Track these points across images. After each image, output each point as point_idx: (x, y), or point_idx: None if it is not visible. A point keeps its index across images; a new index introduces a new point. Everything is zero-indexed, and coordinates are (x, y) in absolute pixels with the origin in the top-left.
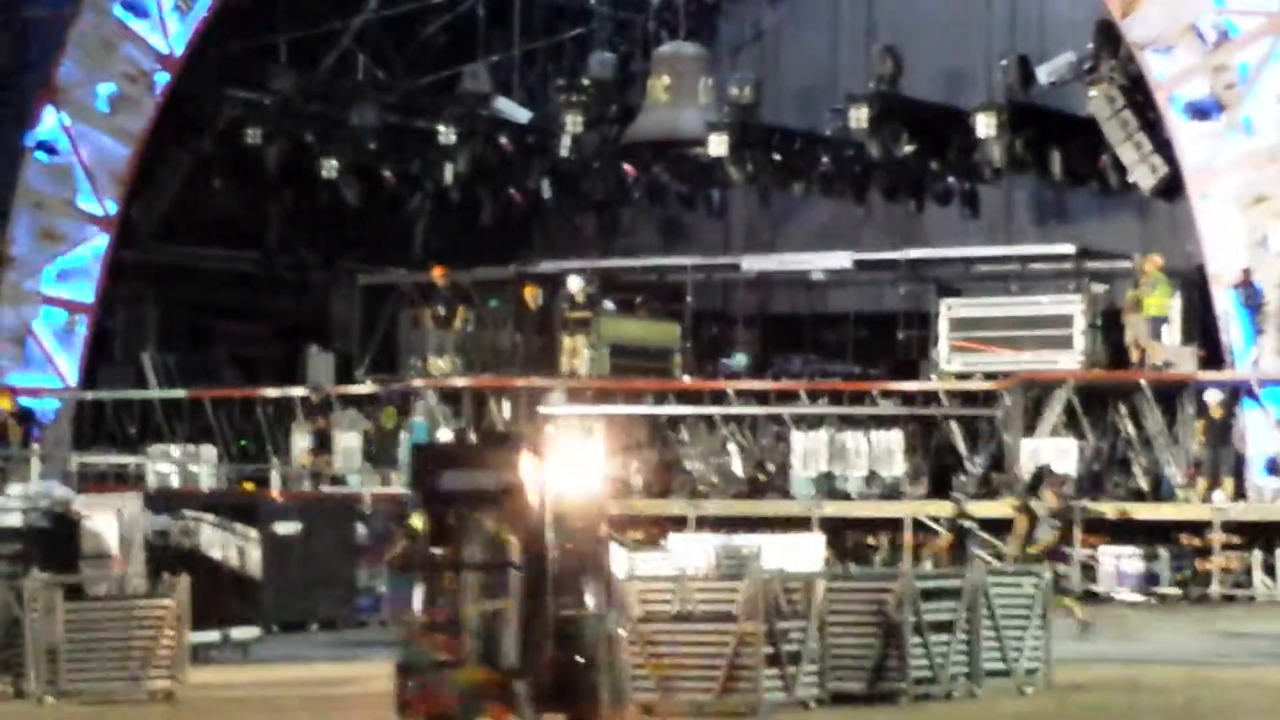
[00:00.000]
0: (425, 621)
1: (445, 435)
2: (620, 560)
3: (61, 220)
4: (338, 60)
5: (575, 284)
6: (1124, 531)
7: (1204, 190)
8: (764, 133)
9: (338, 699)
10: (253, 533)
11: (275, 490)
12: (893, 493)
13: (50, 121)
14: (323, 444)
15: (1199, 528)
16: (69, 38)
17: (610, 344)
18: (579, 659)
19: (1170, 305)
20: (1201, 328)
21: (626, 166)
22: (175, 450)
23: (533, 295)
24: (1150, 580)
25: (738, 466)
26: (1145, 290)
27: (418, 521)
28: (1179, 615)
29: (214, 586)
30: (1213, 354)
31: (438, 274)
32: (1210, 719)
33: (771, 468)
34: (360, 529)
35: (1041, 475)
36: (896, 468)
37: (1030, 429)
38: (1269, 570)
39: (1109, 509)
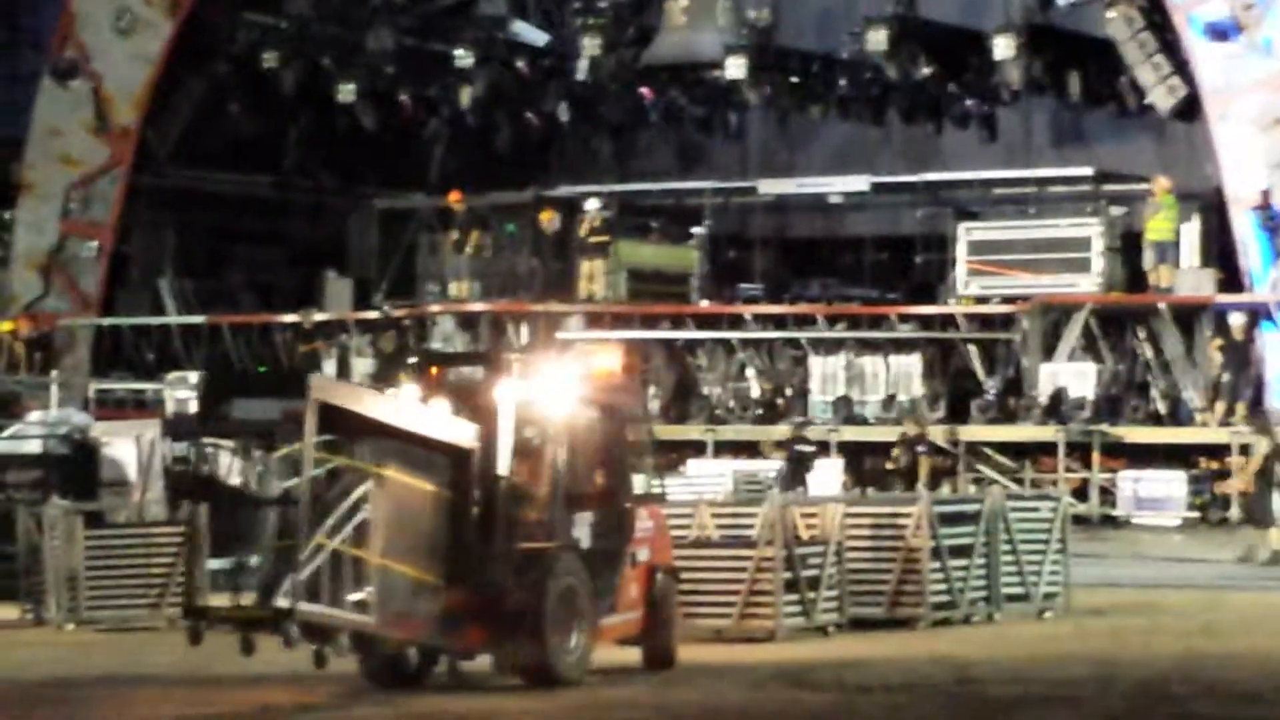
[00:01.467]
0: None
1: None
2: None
3: (79, 145)
4: None
5: (593, 207)
6: (1142, 455)
7: (1222, 112)
8: (781, 55)
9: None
10: (272, 458)
11: None
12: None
13: (67, 47)
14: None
15: (1218, 451)
16: None
17: (627, 268)
18: (522, 590)
19: (1175, 229)
20: (1220, 250)
21: (643, 90)
22: (193, 376)
23: (549, 220)
24: (1169, 504)
25: (755, 391)
26: (1148, 213)
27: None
28: (1198, 539)
29: (233, 513)
30: (1231, 277)
31: (454, 199)
32: (1229, 642)
33: (789, 392)
34: None
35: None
36: (914, 392)
37: (1049, 353)
38: None
39: (1127, 433)
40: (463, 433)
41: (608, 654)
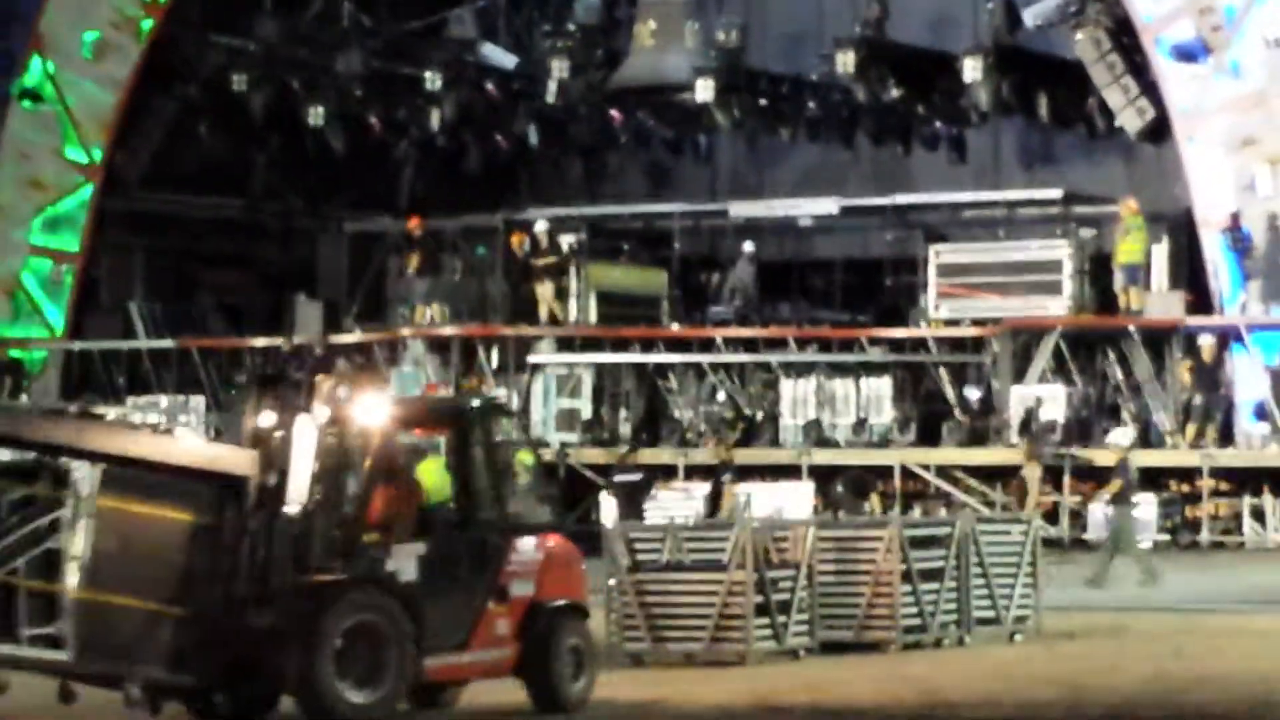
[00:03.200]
0: None
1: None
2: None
3: (47, 169)
4: (323, 6)
5: (541, 228)
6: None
7: (1191, 133)
8: (750, 77)
9: None
10: None
11: None
12: (882, 440)
13: (36, 69)
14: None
15: (1188, 474)
16: None
17: (597, 291)
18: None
19: (1144, 251)
20: (1189, 272)
21: (613, 112)
22: (163, 400)
23: (519, 243)
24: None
25: (726, 414)
26: (1119, 236)
27: None
28: (1168, 562)
29: None
30: (1201, 299)
31: (413, 224)
32: (1199, 665)
33: (760, 415)
34: None
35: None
36: (885, 415)
37: (1019, 375)
38: (1258, 516)
39: (1097, 456)
40: (237, 461)
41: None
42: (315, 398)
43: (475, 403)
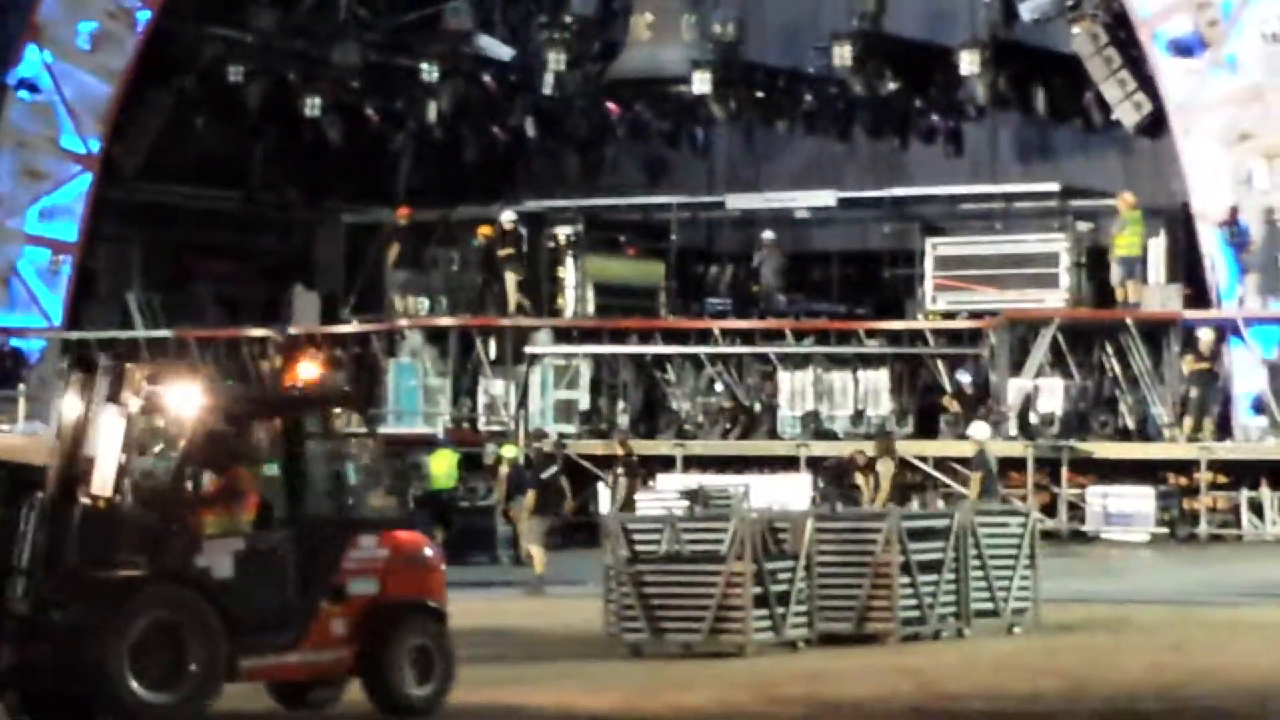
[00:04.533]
0: None
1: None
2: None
3: (44, 159)
4: None
5: (507, 218)
6: (1111, 471)
7: (1187, 127)
8: (747, 70)
9: None
10: None
11: None
12: (879, 432)
13: (32, 60)
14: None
15: (1186, 467)
16: None
17: (595, 283)
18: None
19: (1141, 245)
20: (1187, 266)
21: (610, 104)
22: None
23: (486, 236)
24: (1138, 520)
25: (724, 405)
26: (1115, 230)
27: None
28: (1167, 554)
29: None
30: (1198, 292)
31: (401, 214)
32: (1197, 658)
33: (758, 407)
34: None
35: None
36: (883, 407)
37: (1016, 368)
38: (1256, 509)
39: (1095, 448)
40: (32, 450)
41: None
42: (126, 387)
43: (306, 392)
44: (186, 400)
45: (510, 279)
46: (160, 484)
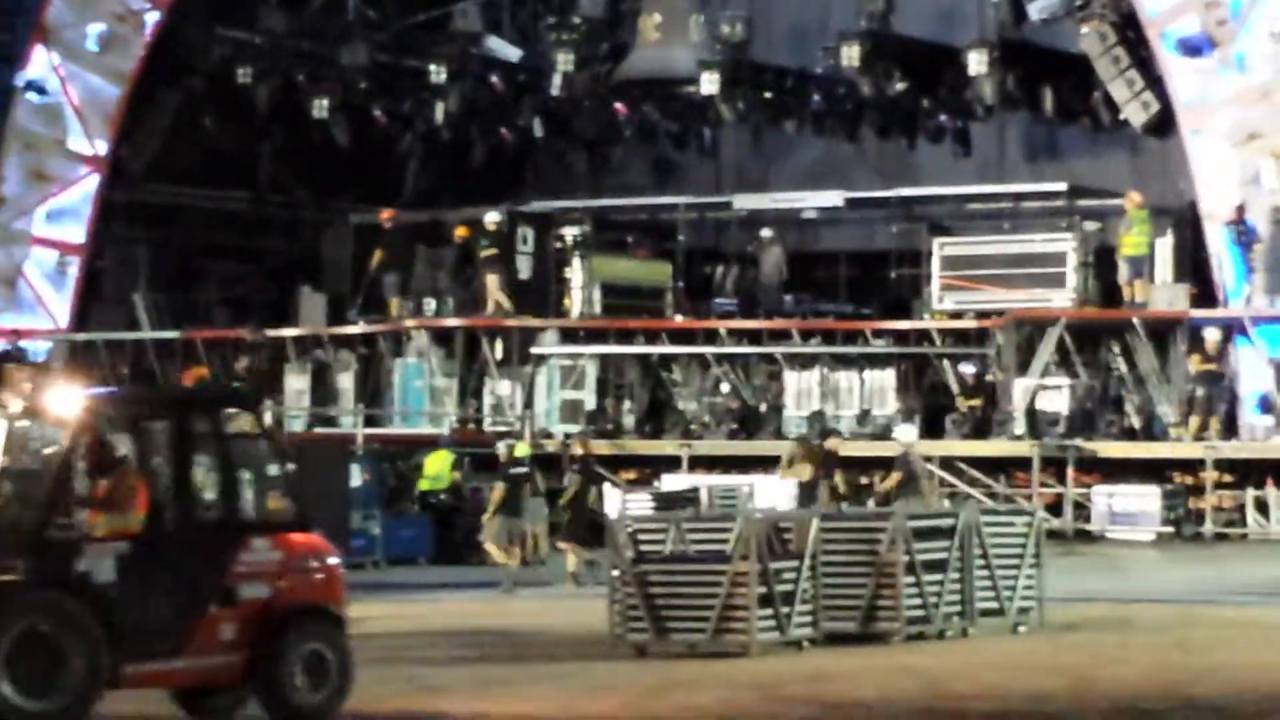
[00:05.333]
0: None
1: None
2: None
3: (52, 161)
4: None
5: (491, 219)
6: (1117, 470)
7: (1196, 127)
8: (755, 71)
9: None
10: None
11: None
12: (885, 432)
13: (40, 62)
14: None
15: (1192, 466)
16: None
17: (602, 283)
18: None
19: (1147, 244)
20: (1194, 265)
21: (618, 105)
22: None
23: (463, 237)
24: (1143, 519)
25: (731, 405)
26: (1123, 229)
27: None
28: (1172, 553)
29: None
30: (1205, 292)
31: (385, 216)
32: (1203, 657)
33: (764, 407)
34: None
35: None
36: (889, 407)
37: (1023, 368)
38: (1261, 508)
39: (1101, 448)
40: None
41: None
42: (6, 388)
43: (194, 394)
44: (68, 402)
45: (491, 280)
46: (39, 487)
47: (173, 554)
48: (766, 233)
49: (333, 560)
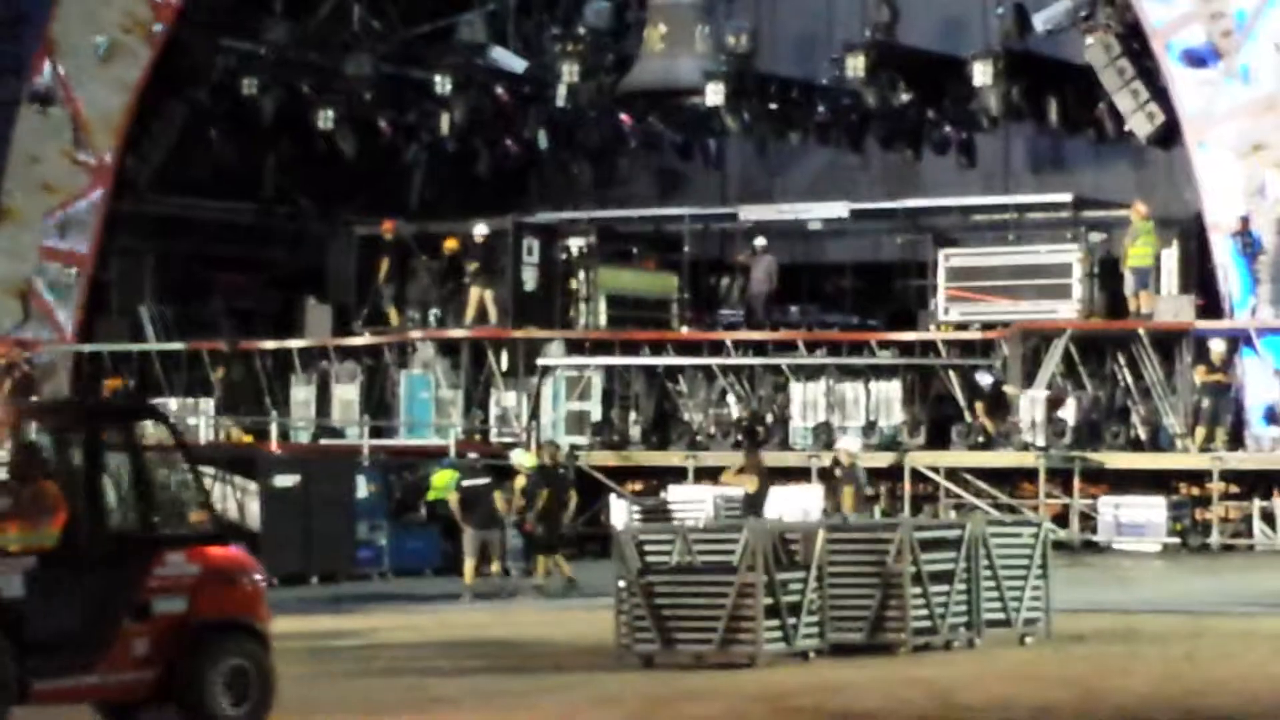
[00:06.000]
0: None
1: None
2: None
3: (58, 172)
4: (333, 10)
5: (479, 230)
6: (1123, 481)
7: (1201, 138)
8: (760, 82)
9: (338, 650)
10: (251, 485)
11: (274, 443)
12: (891, 443)
13: (46, 73)
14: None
15: (1198, 477)
16: None
17: (607, 295)
18: None
19: (1153, 255)
20: (1199, 276)
21: (623, 116)
22: (173, 403)
23: (451, 249)
24: (1149, 530)
25: (735, 416)
26: (1128, 240)
27: None
28: (1179, 565)
29: None
30: (1211, 303)
31: (386, 228)
32: (1209, 668)
33: (770, 418)
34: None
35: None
36: (895, 418)
37: (1029, 379)
38: (1268, 519)
39: (1107, 459)
40: None
41: None
42: None
43: (105, 405)
44: None
45: (475, 293)
46: None
47: (85, 567)
48: (760, 242)
49: (255, 575)
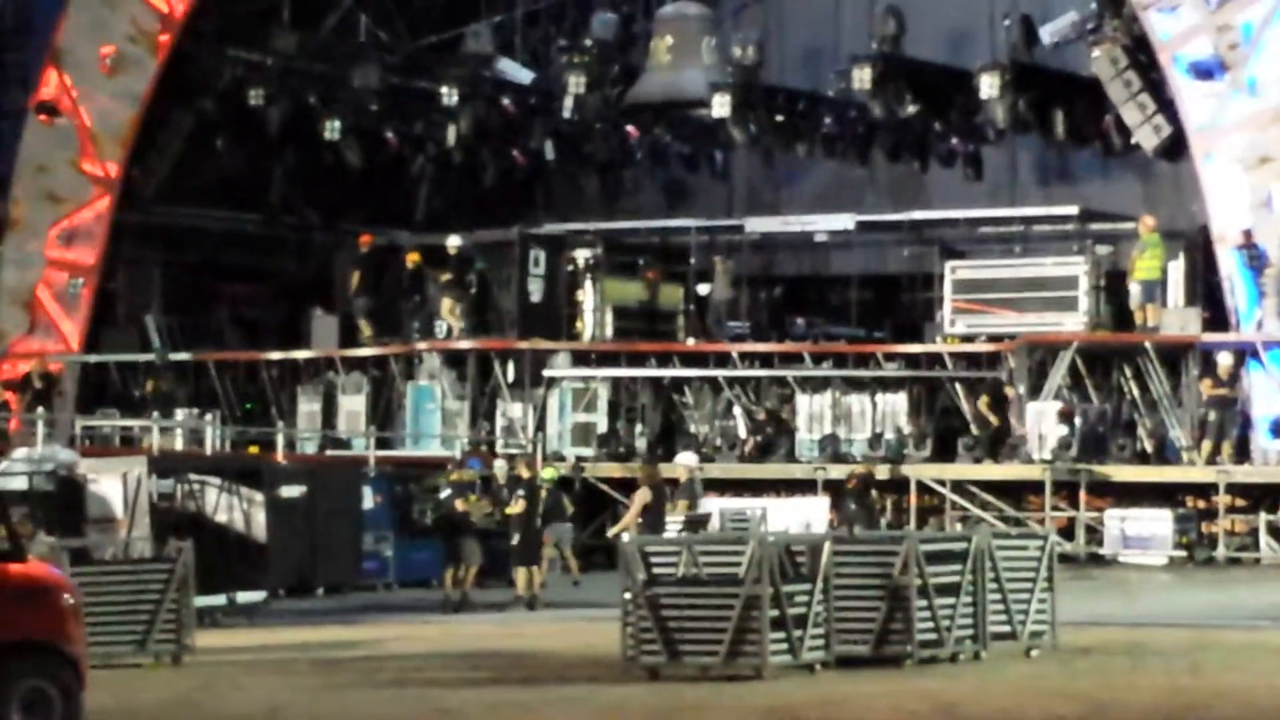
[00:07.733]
0: None
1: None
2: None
3: (64, 182)
4: (340, 21)
5: (452, 243)
6: (1129, 494)
7: (1207, 151)
8: (767, 93)
9: (344, 661)
10: (258, 496)
11: (280, 453)
12: (897, 455)
13: (53, 83)
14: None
15: (1204, 490)
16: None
17: (613, 306)
18: None
19: (1160, 268)
20: (1205, 289)
21: (629, 128)
22: (180, 414)
23: (415, 261)
24: (1155, 543)
25: (742, 429)
26: (1136, 253)
27: None
28: (1184, 578)
29: (219, 550)
30: (1217, 316)
31: (363, 241)
32: (1215, 681)
33: (775, 431)
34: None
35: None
36: (901, 430)
37: (1035, 391)
38: (1274, 533)
39: (1113, 471)
40: None
41: None
42: None
43: None
44: None
45: (445, 304)
46: None
47: None
48: (720, 257)
49: (60, 593)
